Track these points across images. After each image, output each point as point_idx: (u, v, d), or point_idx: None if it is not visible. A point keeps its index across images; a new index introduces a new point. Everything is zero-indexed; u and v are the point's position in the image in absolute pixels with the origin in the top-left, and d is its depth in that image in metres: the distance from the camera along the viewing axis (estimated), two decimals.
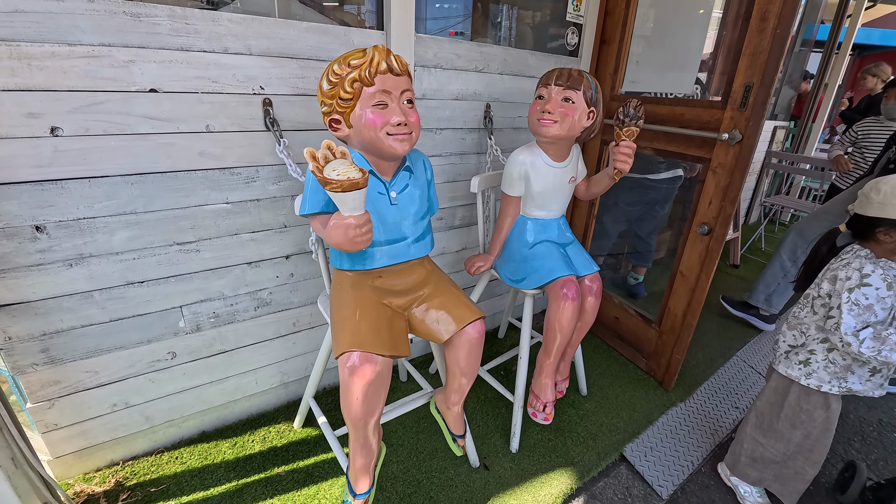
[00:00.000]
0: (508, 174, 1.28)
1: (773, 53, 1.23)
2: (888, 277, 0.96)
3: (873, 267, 0.97)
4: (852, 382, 1.05)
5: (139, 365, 1.20)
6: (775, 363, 1.18)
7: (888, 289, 0.95)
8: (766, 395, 1.21)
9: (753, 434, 1.23)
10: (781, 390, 1.16)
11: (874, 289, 0.96)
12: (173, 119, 1.04)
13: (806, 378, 1.09)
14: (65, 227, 1.00)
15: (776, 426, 1.18)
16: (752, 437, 1.24)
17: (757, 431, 1.23)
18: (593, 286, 1.31)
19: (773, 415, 1.18)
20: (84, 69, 0.92)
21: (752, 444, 1.24)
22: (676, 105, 1.54)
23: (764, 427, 1.21)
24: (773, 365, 1.19)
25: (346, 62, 0.88)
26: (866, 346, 0.95)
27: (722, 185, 1.42)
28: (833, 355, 1.05)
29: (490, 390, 1.64)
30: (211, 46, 1.04)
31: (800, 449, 1.15)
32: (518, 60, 1.59)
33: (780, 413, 1.16)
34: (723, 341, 2.09)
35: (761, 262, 3.11)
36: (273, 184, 1.23)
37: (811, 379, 1.08)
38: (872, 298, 0.96)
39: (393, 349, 0.91)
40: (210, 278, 1.23)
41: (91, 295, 1.08)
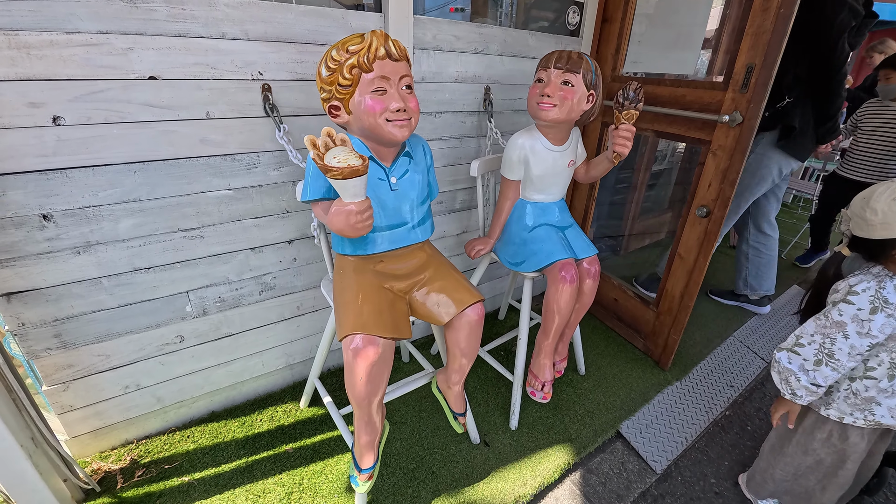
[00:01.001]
0: (508, 158, 1.29)
1: (776, 33, 1.22)
2: (877, 300, 0.87)
3: (867, 285, 0.89)
4: (881, 416, 0.96)
5: (149, 348, 1.24)
6: None
7: (871, 312, 0.87)
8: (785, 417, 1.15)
9: (769, 455, 1.22)
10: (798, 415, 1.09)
11: (855, 308, 0.89)
12: (173, 106, 1.04)
13: (825, 408, 1.02)
14: (71, 215, 1.02)
15: (786, 450, 1.14)
16: (767, 457, 1.22)
17: (771, 454, 1.21)
18: (591, 269, 1.32)
19: (786, 439, 1.15)
20: (83, 57, 0.92)
21: (765, 463, 1.23)
22: (678, 86, 1.52)
23: (776, 449, 1.19)
24: None
25: (345, 48, 0.88)
26: (783, 361, 0.98)
27: (722, 167, 1.42)
28: (855, 385, 0.97)
29: (490, 370, 1.68)
30: (208, 32, 1.03)
31: (811, 471, 1.11)
32: (518, 41, 1.57)
33: (792, 438, 1.12)
34: (720, 321, 2.12)
35: None
36: (274, 170, 1.24)
37: (830, 409, 1.01)
38: (847, 316, 0.90)
39: (395, 331, 0.94)
40: (215, 264, 1.25)
41: (100, 281, 1.10)
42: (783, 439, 1.15)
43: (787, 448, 1.13)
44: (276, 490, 1.21)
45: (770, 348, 1.94)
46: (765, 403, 1.67)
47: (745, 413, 1.62)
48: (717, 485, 1.36)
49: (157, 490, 1.19)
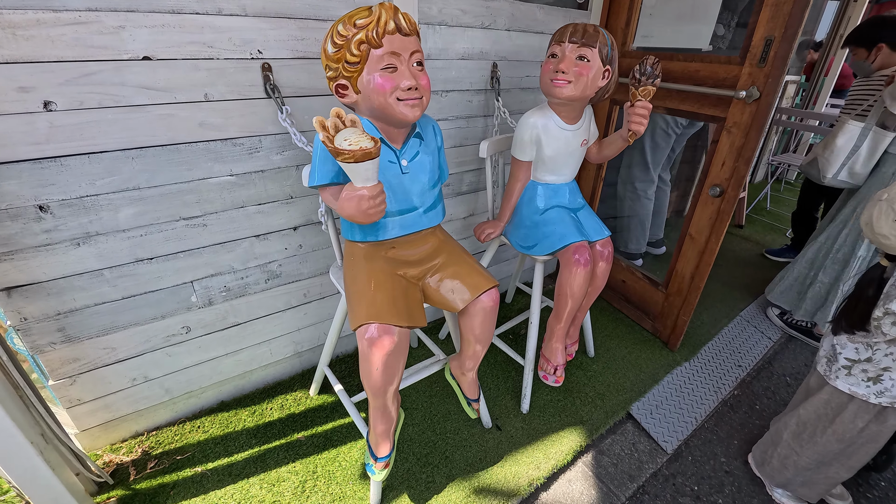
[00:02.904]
0: (519, 138, 1.24)
1: (797, 4, 1.16)
2: None
3: None
4: None
5: (155, 340, 1.22)
6: (830, 377, 1.07)
7: None
8: (815, 406, 1.13)
9: (791, 442, 1.18)
10: (835, 405, 1.08)
11: None
12: (170, 88, 0.99)
13: (877, 396, 1.00)
14: (68, 205, 0.98)
15: (818, 439, 1.12)
16: (788, 443, 1.19)
17: (795, 441, 1.17)
18: (604, 251, 1.30)
19: (818, 427, 1.12)
20: (72, 37, 0.86)
21: (787, 450, 1.19)
22: (691, 61, 1.47)
23: (804, 437, 1.15)
24: (826, 378, 1.09)
25: (352, 22, 0.83)
26: None
27: (736, 145, 1.38)
28: None
29: (500, 354, 1.67)
30: (203, 8, 0.97)
31: (837, 457, 1.11)
32: (526, 15, 1.51)
33: (828, 427, 1.09)
34: (728, 302, 2.12)
35: (766, 223, 3.10)
36: (277, 154, 1.20)
37: (883, 397, 1.00)
38: None
39: (409, 319, 0.92)
40: (219, 252, 1.22)
41: (101, 273, 1.07)
42: (814, 427, 1.12)
43: (819, 437, 1.11)
44: (289, 478, 1.21)
45: (773, 331, 1.95)
46: (772, 382, 1.67)
47: (753, 392, 1.62)
48: (727, 464, 1.37)
49: (171, 481, 1.18)
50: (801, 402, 1.18)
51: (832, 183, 1.74)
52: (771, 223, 3.11)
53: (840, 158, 1.72)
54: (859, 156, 1.69)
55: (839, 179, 1.73)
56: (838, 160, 1.72)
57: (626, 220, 2.23)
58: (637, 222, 2.20)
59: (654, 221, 2.28)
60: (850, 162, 1.69)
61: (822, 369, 1.09)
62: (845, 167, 1.70)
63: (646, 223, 2.20)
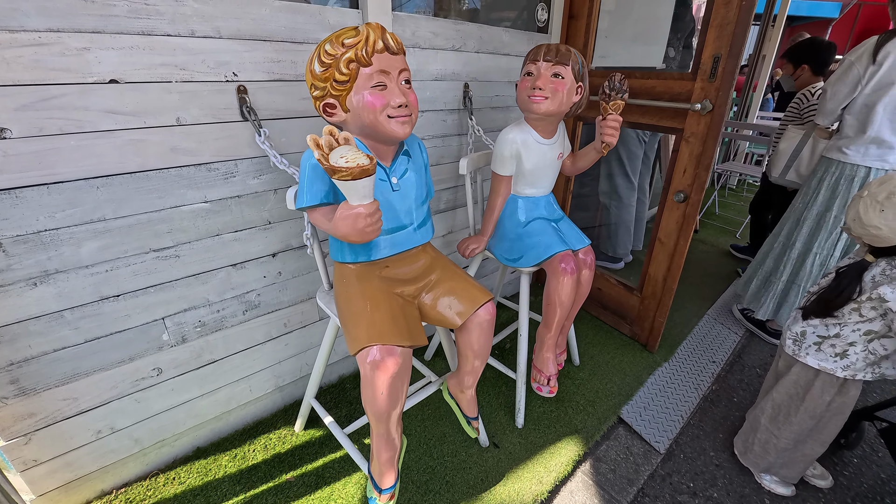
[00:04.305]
0: (500, 153, 1.27)
1: (740, 24, 1.29)
2: None
3: None
4: (885, 368, 1.05)
5: (122, 385, 1.10)
6: (799, 355, 1.14)
7: None
8: (786, 387, 1.19)
9: (769, 426, 1.24)
10: (804, 383, 1.14)
11: None
12: (139, 112, 0.94)
13: (843, 370, 1.07)
14: (24, 241, 0.88)
15: (793, 419, 1.17)
16: (766, 428, 1.25)
17: (773, 424, 1.23)
18: (587, 259, 1.34)
19: (791, 407, 1.18)
20: (31, 59, 0.80)
21: (766, 434, 1.25)
22: (647, 78, 1.58)
23: (780, 420, 1.21)
24: (795, 356, 1.15)
25: (339, 41, 0.83)
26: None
27: (695, 153, 1.49)
28: (873, 345, 1.04)
29: (488, 369, 1.66)
30: (176, 29, 0.93)
31: (811, 434, 1.17)
32: (493, 38, 1.57)
33: (800, 406, 1.15)
34: (695, 301, 2.24)
35: (718, 227, 3.34)
36: (254, 178, 1.15)
37: (847, 371, 1.07)
38: None
39: (411, 338, 0.89)
40: (193, 284, 1.14)
41: (61, 315, 0.97)
42: (787, 408, 1.19)
43: (793, 417, 1.17)
44: None
45: (738, 326, 2.07)
46: (745, 375, 1.76)
47: (729, 386, 1.70)
48: (716, 457, 1.41)
49: None
50: (773, 387, 1.25)
51: (782, 182, 1.94)
52: (722, 226, 3.35)
53: (783, 160, 1.92)
54: (802, 159, 1.88)
55: (787, 179, 1.92)
56: (782, 162, 1.92)
57: (613, 226, 2.34)
58: (624, 228, 2.31)
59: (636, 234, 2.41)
60: (795, 164, 1.87)
61: (791, 350, 1.17)
62: (791, 168, 1.89)
63: (630, 227, 2.32)
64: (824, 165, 1.71)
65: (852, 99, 1.56)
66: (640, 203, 2.40)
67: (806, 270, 1.77)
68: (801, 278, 1.79)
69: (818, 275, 1.74)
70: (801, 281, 1.79)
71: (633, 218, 2.34)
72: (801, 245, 1.79)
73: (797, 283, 1.80)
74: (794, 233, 1.81)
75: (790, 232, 1.84)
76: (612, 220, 2.34)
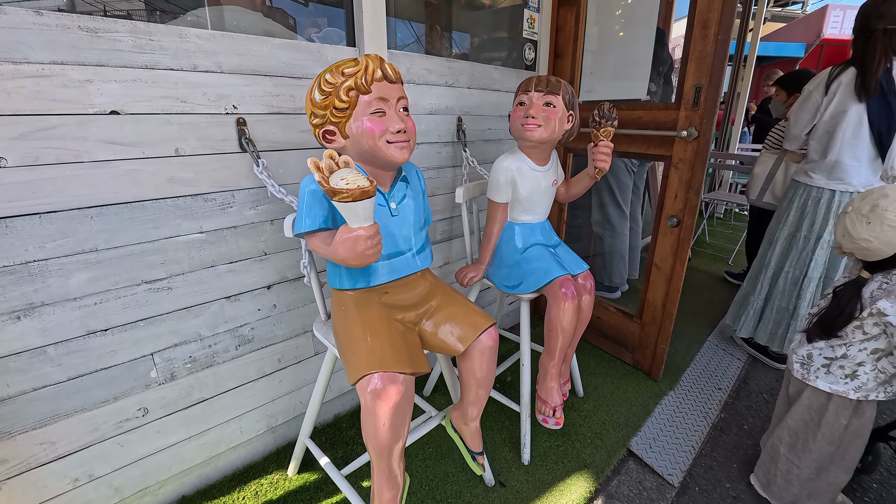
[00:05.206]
0: (495, 181, 1.29)
1: (717, 56, 1.36)
2: None
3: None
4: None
5: (105, 428, 1.04)
6: (809, 378, 1.11)
7: None
8: (800, 413, 1.15)
9: (788, 455, 1.18)
10: (817, 407, 1.11)
11: None
12: (138, 143, 0.94)
13: (855, 392, 1.04)
14: (10, 273, 0.85)
15: (811, 445, 1.13)
16: (787, 457, 1.19)
17: (792, 453, 1.18)
18: (587, 284, 1.33)
19: (808, 433, 1.13)
20: (32, 90, 0.81)
21: (787, 465, 1.19)
22: (633, 109, 1.65)
23: (799, 447, 1.16)
24: (805, 381, 1.12)
25: (339, 71, 0.85)
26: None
27: (685, 178, 1.52)
28: (882, 364, 1.02)
29: (490, 403, 1.59)
30: (178, 64, 0.96)
31: (833, 459, 1.12)
32: (484, 74, 1.64)
33: (817, 431, 1.11)
34: (694, 328, 2.21)
35: (710, 254, 3.38)
36: (250, 208, 1.15)
37: (859, 392, 1.04)
38: None
39: (413, 365, 0.86)
40: (185, 318, 1.10)
41: (44, 351, 0.92)
42: (805, 434, 1.15)
43: (812, 444, 1.13)
44: None
45: (740, 352, 2.04)
46: (752, 401, 1.72)
47: (738, 413, 1.65)
48: (732, 489, 1.34)
49: None
50: (786, 413, 1.21)
51: (760, 204, 2.01)
52: (714, 254, 3.39)
53: (759, 183, 2.00)
54: (776, 182, 1.95)
55: (764, 201, 1.99)
56: (758, 185, 2.01)
57: (608, 255, 2.34)
58: (618, 257, 2.32)
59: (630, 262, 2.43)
60: (771, 186, 1.94)
61: (800, 374, 1.14)
62: (767, 191, 1.95)
63: (625, 256, 2.33)
64: (794, 188, 1.77)
65: (814, 125, 1.64)
66: (632, 232, 2.43)
67: (779, 288, 1.80)
68: (775, 296, 1.81)
69: (791, 292, 1.76)
70: (774, 298, 1.81)
71: (627, 247, 2.36)
72: (775, 264, 1.82)
73: (772, 301, 1.83)
74: (768, 252, 1.85)
75: (764, 252, 1.89)
76: (605, 250, 2.36)
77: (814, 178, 1.67)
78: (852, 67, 1.52)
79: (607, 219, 2.31)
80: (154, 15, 1.11)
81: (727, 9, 1.31)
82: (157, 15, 1.09)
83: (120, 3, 1.30)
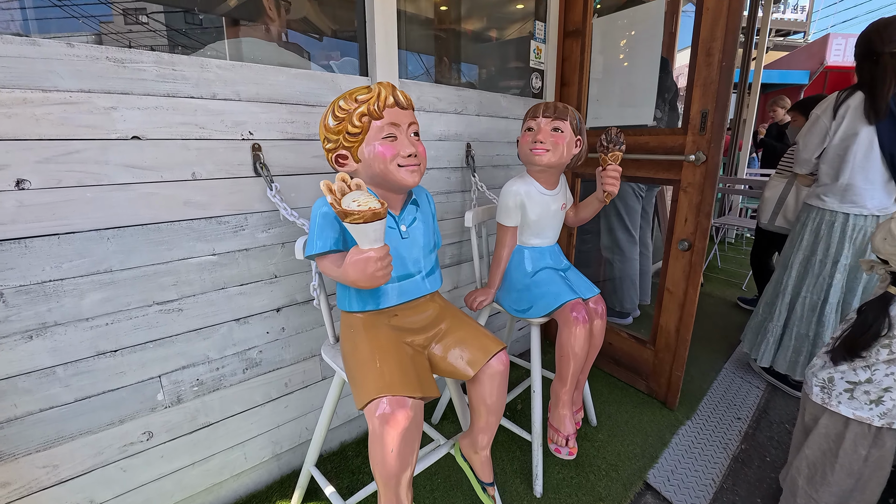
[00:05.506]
0: (504, 205, 1.30)
1: (722, 82, 1.38)
2: None
3: None
4: None
5: (109, 451, 1.02)
6: (830, 403, 1.06)
7: None
8: (817, 442, 1.10)
9: (807, 488, 1.13)
10: (834, 436, 1.06)
11: None
12: (157, 167, 0.97)
13: (880, 418, 1.00)
14: (26, 292, 0.86)
15: (830, 478, 1.07)
16: (805, 491, 1.13)
17: (811, 486, 1.12)
18: (598, 308, 1.31)
19: (826, 464, 1.08)
20: (59, 116, 0.84)
21: (805, 499, 1.13)
22: (640, 134, 1.66)
23: (817, 480, 1.10)
24: (825, 405, 1.07)
25: (353, 97, 0.88)
26: None
27: (694, 202, 1.52)
28: None
29: (501, 432, 1.55)
30: (199, 92, 1.00)
31: (853, 494, 1.07)
32: (492, 102, 1.68)
33: (835, 463, 1.06)
34: (710, 355, 2.15)
35: (723, 280, 3.32)
36: (262, 231, 1.16)
37: (885, 419, 1.00)
38: None
39: (422, 389, 0.84)
40: (194, 340, 1.10)
41: (54, 371, 0.92)
42: (822, 466, 1.09)
43: (830, 476, 1.07)
44: None
45: (759, 380, 1.98)
46: (774, 432, 1.65)
47: (759, 444, 1.58)
48: None
49: None
50: (803, 443, 1.16)
51: (772, 228, 1.99)
52: (727, 279, 3.34)
53: (770, 207, 1.99)
54: (788, 206, 1.93)
55: (777, 225, 1.97)
56: (769, 209, 2.00)
57: (618, 280, 2.32)
58: (629, 282, 2.29)
59: (641, 288, 2.39)
60: (783, 210, 1.92)
61: (819, 398, 1.09)
62: (779, 215, 1.94)
63: (636, 281, 2.30)
64: (806, 211, 1.75)
65: (824, 149, 1.64)
66: (643, 257, 2.41)
67: (797, 314, 1.75)
68: (793, 322, 1.76)
69: (809, 318, 1.72)
70: (793, 325, 1.76)
71: (637, 272, 2.33)
72: (792, 289, 1.79)
73: (790, 328, 1.78)
74: (784, 278, 1.82)
75: (780, 277, 1.85)
76: (616, 275, 2.33)
77: (826, 201, 1.66)
78: (859, 92, 1.53)
79: (616, 243, 2.30)
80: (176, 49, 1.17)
81: (730, 37, 1.34)
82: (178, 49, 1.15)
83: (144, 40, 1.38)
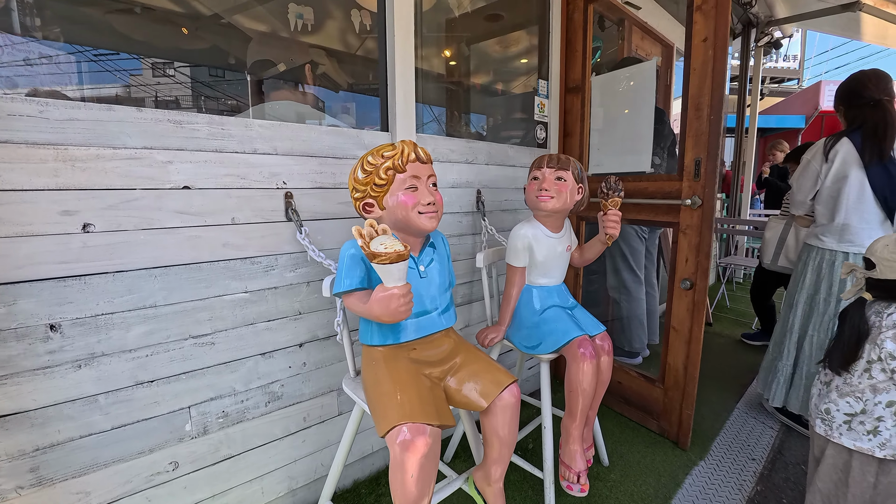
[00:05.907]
0: (513, 247, 1.39)
1: (712, 133, 1.51)
2: None
3: None
4: None
5: (137, 480, 1.07)
6: (832, 435, 1.08)
7: None
8: (827, 473, 1.11)
9: None
10: (842, 465, 1.08)
11: None
12: (202, 213, 1.08)
13: (881, 449, 1.02)
14: (80, 324, 0.95)
15: None
16: None
17: None
18: (605, 345, 1.36)
19: (839, 496, 1.09)
20: (124, 169, 0.97)
21: None
22: (639, 180, 1.78)
23: None
24: (828, 437, 1.10)
25: (380, 154, 1.00)
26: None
27: (693, 243, 1.60)
28: None
29: (512, 470, 1.55)
30: (242, 148, 1.13)
31: None
32: (500, 152, 1.81)
33: (847, 493, 1.07)
34: (721, 394, 2.15)
35: (732, 319, 3.33)
36: (290, 271, 1.26)
37: (886, 449, 1.01)
38: None
39: (439, 418, 0.90)
40: (222, 373, 1.17)
41: (96, 399, 0.99)
42: (836, 497, 1.10)
43: None
44: None
45: (773, 420, 1.96)
46: (790, 473, 1.63)
47: (775, 485, 1.56)
48: None
49: None
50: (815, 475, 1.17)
51: (775, 268, 2.05)
52: (735, 318, 3.34)
53: (771, 247, 2.07)
54: (788, 246, 2.01)
55: (779, 265, 2.03)
56: (770, 249, 2.08)
57: (626, 320, 2.36)
58: (636, 322, 2.33)
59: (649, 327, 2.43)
60: (784, 250, 1.99)
61: (822, 430, 1.12)
62: (781, 255, 2.01)
63: (643, 321, 2.34)
64: (807, 251, 1.82)
65: (817, 191, 1.73)
66: (649, 297, 2.46)
67: (805, 353, 1.78)
68: (803, 361, 1.78)
69: (818, 357, 1.73)
70: (802, 364, 1.78)
71: (644, 311, 2.38)
72: (799, 328, 1.82)
73: (800, 367, 1.79)
74: (791, 317, 1.85)
75: (786, 316, 1.89)
76: (623, 315, 2.38)
77: (825, 241, 1.73)
78: (846, 137, 1.64)
79: (623, 283, 2.36)
80: (200, 100, 1.32)
81: (716, 92, 1.47)
82: (202, 100, 1.30)
83: (170, 91, 1.56)
